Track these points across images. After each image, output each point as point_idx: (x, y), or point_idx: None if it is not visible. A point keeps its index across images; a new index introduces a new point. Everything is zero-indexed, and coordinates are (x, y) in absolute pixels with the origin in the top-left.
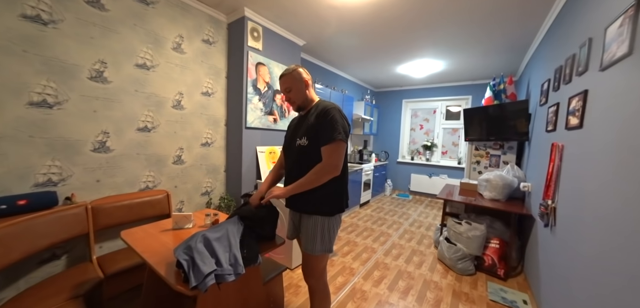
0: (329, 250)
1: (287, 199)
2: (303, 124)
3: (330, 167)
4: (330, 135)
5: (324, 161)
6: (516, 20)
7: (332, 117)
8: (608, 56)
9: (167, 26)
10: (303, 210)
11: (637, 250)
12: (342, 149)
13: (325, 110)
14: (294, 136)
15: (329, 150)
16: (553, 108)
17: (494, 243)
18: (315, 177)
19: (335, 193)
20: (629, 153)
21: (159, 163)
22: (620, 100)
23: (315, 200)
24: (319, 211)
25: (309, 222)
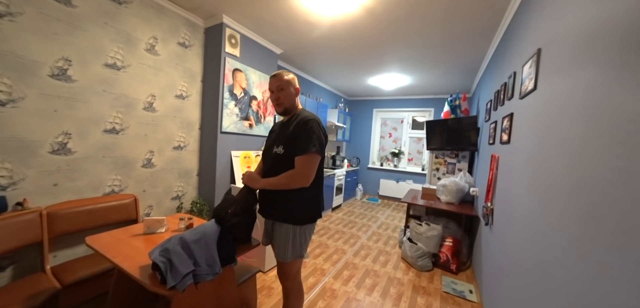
0: (300, 256)
1: (260, 206)
2: (282, 132)
3: (300, 176)
4: (305, 146)
5: (295, 170)
6: (463, 51)
7: (309, 127)
8: (524, 88)
9: (140, 27)
10: (275, 217)
11: (541, 242)
12: (315, 161)
13: (304, 121)
14: (273, 143)
15: (302, 160)
16: (493, 125)
17: (448, 242)
18: (285, 180)
19: (307, 203)
20: (537, 165)
21: (126, 166)
22: (531, 124)
23: (287, 209)
24: (290, 219)
25: (281, 229)
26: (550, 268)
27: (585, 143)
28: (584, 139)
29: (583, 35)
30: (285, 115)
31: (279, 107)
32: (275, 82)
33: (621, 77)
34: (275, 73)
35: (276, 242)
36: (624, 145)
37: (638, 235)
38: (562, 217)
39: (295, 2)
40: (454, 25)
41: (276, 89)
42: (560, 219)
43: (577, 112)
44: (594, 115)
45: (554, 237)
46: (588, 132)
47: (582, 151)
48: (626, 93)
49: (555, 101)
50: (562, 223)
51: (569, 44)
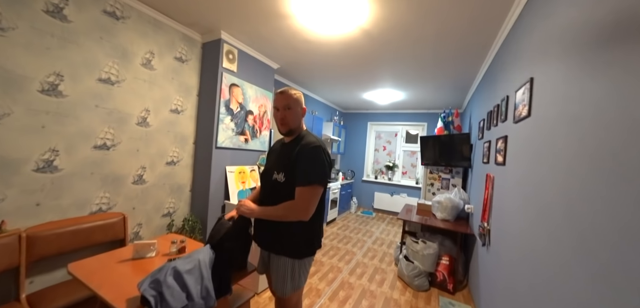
0: (299, 287)
1: (256, 235)
2: (284, 155)
3: (300, 210)
4: (307, 177)
5: (295, 201)
6: (455, 70)
7: (314, 156)
8: (518, 113)
9: (137, 41)
10: (272, 249)
11: (534, 264)
12: (317, 195)
13: (309, 148)
14: (273, 167)
15: (303, 192)
16: (487, 144)
17: (445, 260)
18: (283, 212)
19: (305, 235)
20: (531, 190)
21: (116, 182)
22: (525, 149)
23: (285, 241)
24: (288, 252)
25: (278, 262)
26: (542, 293)
27: (575, 173)
28: (573, 169)
29: (573, 69)
30: (288, 136)
31: (284, 127)
32: (282, 99)
33: (609, 114)
34: (283, 90)
35: (273, 273)
36: (609, 177)
37: (626, 268)
38: (554, 242)
39: (294, 21)
40: (445, 47)
41: (283, 108)
42: (551, 244)
43: (567, 143)
44: (583, 147)
45: (546, 261)
46: (577, 163)
47: (572, 180)
48: (613, 129)
49: (548, 130)
50: (554, 248)
51: (560, 75)
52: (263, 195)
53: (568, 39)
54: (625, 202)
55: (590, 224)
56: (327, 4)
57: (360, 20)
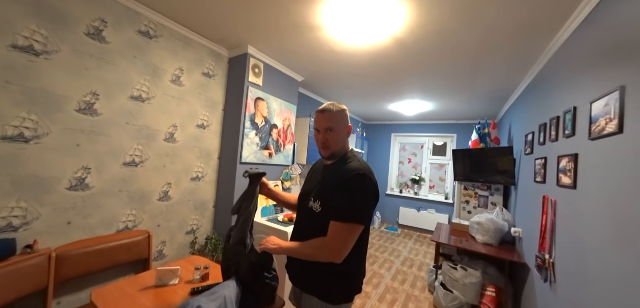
0: None
1: (288, 268)
2: (324, 179)
3: (331, 250)
4: (343, 212)
5: (326, 240)
6: (493, 80)
7: (355, 187)
8: (597, 128)
9: (167, 59)
10: (302, 287)
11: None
12: (354, 235)
13: (351, 176)
14: (310, 192)
15: (337, 230)
16: (540, 160)
17: (490, 291)
18: (311, 251)
19: (340, 277)
20: (627, 222)
21: (142, 200)
22: (615, 172)
23: (318, 281)
24: (320, 295)
25: (311, 303)
26: None
27: None
28: None
29: None
30: (330, 159)
31: (325, 150)
32: (323, 121)
33: None
34: (324, 108)
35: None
36: None
37: None
38: None
39: (323, 32)
40: (487, 56)
41: (324, 130)
42: None
43: None
44: None
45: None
46: None
47: None
48: None
49: None
50: None
51: None
52: (297, 223)
53: None
54: None
55: None
56: (361, 11)
57: (394, 28)
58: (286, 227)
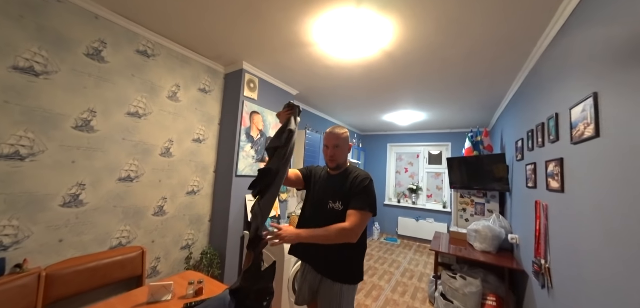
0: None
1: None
2: (334, 185)
3: (351, 232)
4: (361, 203)
5: (347, 224)
6: (483, 89)
7: (367, 187)
8: (577, 133)
9: (165, 76)
10: (329, 274)
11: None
12: (366, 220)
13: (362, 179)
14: (325, 196)
15: (355, 215)
16: (531, 166)
17: (491, 300)
18: (333, 234)
19: (358, 260)
20: (615, 222)
21: (137, 215)
22: (597, 173)
23: (344, 266)
24: (344, 278)
25: (332, 289)
26: None
27: None
28: None
29: None
30: (335, 170)
31: (332, 162)
32: (332, 139)
33: None
34: (332, 130)
35: (324, 299)
36: None
37: None
38: None
39: (315, 48)
40: (475, 67)
41: (332, 146)
42: None
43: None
44: None
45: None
46: None
47: None
48: None
49: (628, 152)
50: None
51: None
52: (314, 223)
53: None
54: None
55: None
56: (350, 27)
57: (383, 42)
58: None
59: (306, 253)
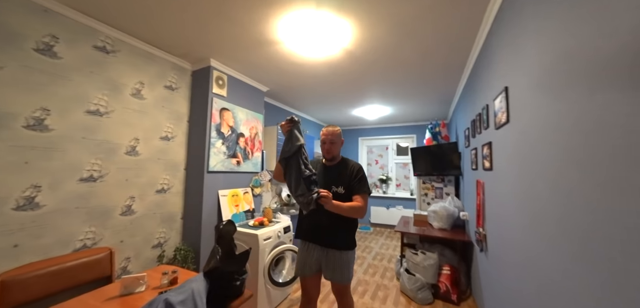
0: (353, 274)
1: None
2: (334, 173)
3: (363, 210)
4: (365, 188)
5: (360, 205)
6: (437, 85)
7: (363, 174)
8: (498, 120)
9: (127, 73)
10: (336, 246)
11: (532, 263)
12: (368, 200)
13: (358, 169)
14: (329, 183)
15: (363, 199)
16: (473, 151)
17: (446, 270)
18: (353, 211)
19: (354, 233)
20: (523, 192)
21: (103, 216)
22: (510, 153)
23: (349, 239)
24: (347, 246)
25: (341, 257)
26: (545, 295)
27: (562, 176)
28: (559, 172)
29: (542, 75)
30: (331, 162)
31: (329, 154)
32: (329, 136)
33: (585, 112)
34: (329, 128)
35: (335, 267)
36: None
37: (630, 273)
38: (550, 249)
39: (282, 46)
40: (427, 65)
41: (329, 142)
42: (549, 251)
43: (544, 146)
44: (572, 156)
45: (544, 264)
46: (562, 166)
47: (565, 189)
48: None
49: (528, 134)
50: (551, 256)
51: (531, 85)
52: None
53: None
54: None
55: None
56: (312, 28)
57: (344, 42)
58: (257, 230)
59: (313, 235)
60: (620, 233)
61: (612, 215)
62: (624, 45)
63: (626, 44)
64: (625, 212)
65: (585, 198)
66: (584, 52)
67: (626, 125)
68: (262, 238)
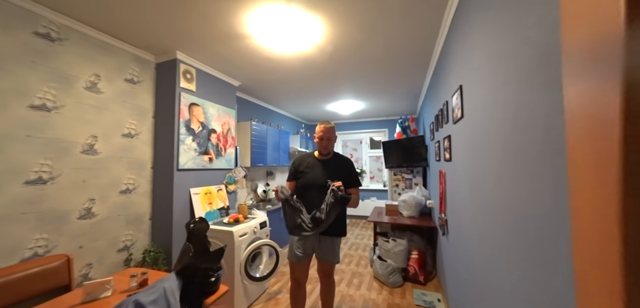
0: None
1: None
2: (327, 167)
3: (358, 201)
4: (357, 181)
5: (356, 197)
6: (405, 81)
7: (354, 169)
8: (455, 115)
9: (79, 64)
10: (330, 233)
11: (482, 247)
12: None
13: (351, 163)
14: (325, 176)
15: (357, 191)
16: (437, 144)
17: (415, 255)
18: (356, 202)
19: (345, 223)
20: (473, 181)
21: (57, 221)
22: (464, 145)
23: (341, 227)
24: (339, 234)
25: (334, 242)
26: (490, 272)
27: (502, 164)
28: (500, 160)
29: (486, 75)
30: (325, 156)
31: (325, 150)
32: (326, 133)
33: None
34: (325, 125)
35: (326, 250)
36: (527, 172)
37: (548, 247)
38: (495, 226)
39: (252, 40)
40: (395, 62)
41: (326, 139)
42: (493, 227)
43: (494, 139)
44: (505, 144)
45: (489, 241)
46: (502, 155)
47: (502, 173)
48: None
49: (478, 128)
50: (495, 232)
51: (479, 84)
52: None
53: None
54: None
55: (518, 209)
56: (283, 23)
57: (316, 38)
58: (231, 227)
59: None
60: (538, 209)
61: (532, 197)
62: (535, 51)
63: (537, 50)
64: (539, 192)
65: (515, 184)
66: (512, 57)
67: (545, 123)
68: (237, 234)
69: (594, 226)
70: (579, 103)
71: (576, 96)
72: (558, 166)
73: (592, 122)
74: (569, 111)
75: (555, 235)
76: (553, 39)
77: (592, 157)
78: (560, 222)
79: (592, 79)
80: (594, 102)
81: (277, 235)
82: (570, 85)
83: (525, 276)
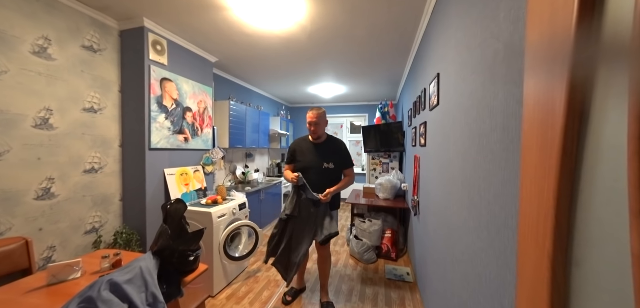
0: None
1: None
2: (321, 151)
3: (352, 181)
4: (350, 162)
5: (350, 177)
6: (385, 66)
7: (346, 149)
8: (431, 102)
9: (20, 23)
10: (331, 207)
11: (447, 224)
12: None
13: (343, 146)
14: (320, 160)
15: (351, 171)
16: (414, 130)
17: (388, 234)
18: (345, 185)
19: (339, 198)
20: (442, 165)
21: (8, 201)
22: (438, 131)
23: (337, 201)
24: (334, 207)
25: (333, 214)
26: (450, 244)
27: (466, 149)
28: (464, 145)
29: (459, 65)
30: (317, 140)
31: (314, 134)
32: (314, 117)
33: (482, 97)
34: (314, 111)
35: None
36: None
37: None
38: (456, 204)
39: (229, 13)
40: (376, 46)
41: (314, 124)
42: (455, 205)
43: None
44: (471, 130)
45: (453, 218)
46: (467, 141)
47: (466, 156)
48: (483, 120)
49: (450, 115)
50: (456, 208)
51: (453, 73)
52: (316, 178)
53: (455, 46)
54: (489, 168)
55: (477, 186)
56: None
57: (298, 16)
58: (209, 208)
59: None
60: (492, 187)
61: (488, 176)
62: (502, 45)
63: (503, 44)
64: (494, 172)
65: (476, 166)
66: (480, 48)
67: (503, 109)
68: (215, 216)
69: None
70: (535, 94)
71: (533, 89)
72: (512, 150)
73: (543, 111)
74: (526, 101)
75: (504, 209)
76: (518, 35)
77: (539, 141)
78: (509, 199)
79: (547, 73)
80: (546, 93)
81: (256, 216)
82: (530, 78)
83: (476, 245)
